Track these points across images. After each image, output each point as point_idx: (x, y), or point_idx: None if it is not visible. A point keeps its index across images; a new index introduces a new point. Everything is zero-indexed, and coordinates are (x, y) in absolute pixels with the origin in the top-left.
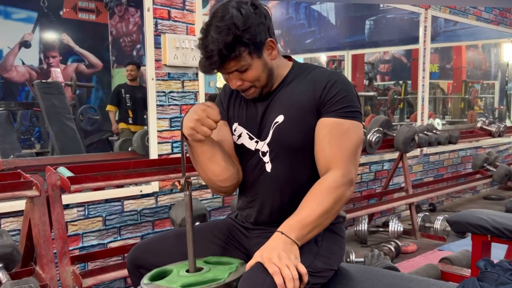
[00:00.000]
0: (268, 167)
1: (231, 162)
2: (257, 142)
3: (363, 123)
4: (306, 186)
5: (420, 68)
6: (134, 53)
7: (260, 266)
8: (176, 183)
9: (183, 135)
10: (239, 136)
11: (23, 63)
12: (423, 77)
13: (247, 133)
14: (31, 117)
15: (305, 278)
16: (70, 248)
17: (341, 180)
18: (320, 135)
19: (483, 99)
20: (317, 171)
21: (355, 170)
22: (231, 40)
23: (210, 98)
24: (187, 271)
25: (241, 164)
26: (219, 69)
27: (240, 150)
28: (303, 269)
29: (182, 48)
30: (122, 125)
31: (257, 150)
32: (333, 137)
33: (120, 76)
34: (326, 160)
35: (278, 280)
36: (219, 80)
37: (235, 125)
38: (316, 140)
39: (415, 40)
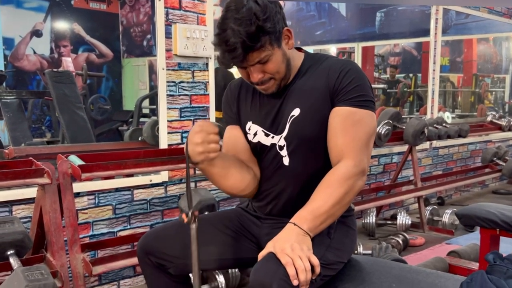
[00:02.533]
0: (286, 161)
1: (247, 170)
2: (273, 137)
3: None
4: (323, 177)
5: (430, 61)
6: (145, 43)
7: (272, 256)
8: (183, 216)
9: (188, 164)
10: (255, 134)
11: (35, 52)
12: (434, 70)
13: (262, 130)
14: (42, 106)
15: (317, 269)
16: (81, 236)
17: (353, 170)
18: (333, 124)
19: (494, 93)
20: None
21: (367, 160)
22: (255, 30)
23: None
24: None
25: (257, 159)
26: (242, 63)
27: (257, 147)
28: (315, 261)
29: (193, 38)
30: None
31: (273, 145)
32: (346, 126)
33: (130, 66)
34: (338, 149)
35: (290, 271)
36: None
37: (249, 124)
38: (329, 129)
39: (426, 32)
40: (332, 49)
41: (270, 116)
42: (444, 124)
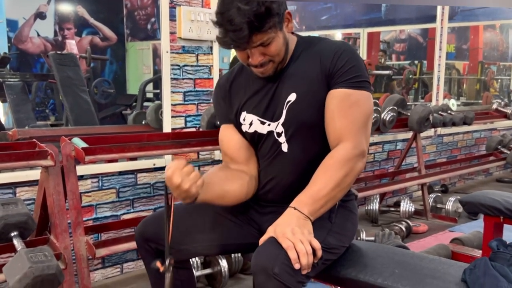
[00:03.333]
0: (285, 147)
1: (241, 176)
2: (269, 124)
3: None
4: (322, 161)
5: (436, 48)
6: (149, 26)
7: (273, 240)
8: (158, 264)
9: (169, 206)
10: (250, 124)
11: (38, 35)
12: (440, 57)
13: (258, 119)
14: (46, 88)
15: (319, 253)
16: (84, 219)
17: (352, 152)
18: (330, 107)
19: (499, 80)
20: None
21: (366, 141)
22: (264, 10)
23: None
24: None
25: (255, 149)
26: (246, 44)
27: (254, 137)
28: (316, 244)
29: (197, 21)
30: None
31: (270, 132)
32: (343, 109)
33: (134, 50)
34: (336, 132)
35: (292, 254)
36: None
37: (243, 114)
38: (326, 112)
39: (433, 19)
40: (338, 35)
41: (265, 102)
42: (449, 111)
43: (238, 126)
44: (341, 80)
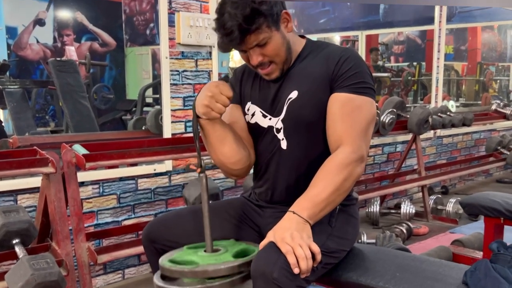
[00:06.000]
0: (283, 144)
1: (242, 145)
2: (270, 119)
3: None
4: (321, 163)
5: (435, 49)
6: (148, 32)
7: (273, 245)
8: (192, 166)
9: (195, 115)
10: (253, 114)
11: (38, 41)
12: (438, 59)
13: (260, 111)
14: (45, 95)
15: (318, 257)
16: (85, 225)
17: (352, 157)
18: (332, 110)
19: (498, 81)
20: None
21: (366, 146)
22: (250, 12)
23: (224, 79)
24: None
25: (255, 142)
26: (240, 46)
27: (254, 128)
28: (316, 248)
29: (196, 26)
30: None
31: (270, 127)
32: (345, 113)
33: (133, 55)
34: (337, 135)
35: (291, 259)
36: (232, 60)
37: (248, 104)
38: (328, 115)
39: (430, 20)
40: (336, 38)
41: (269, 97)
42: (448, 113)
43: (243, 114)
44: (345, 84)
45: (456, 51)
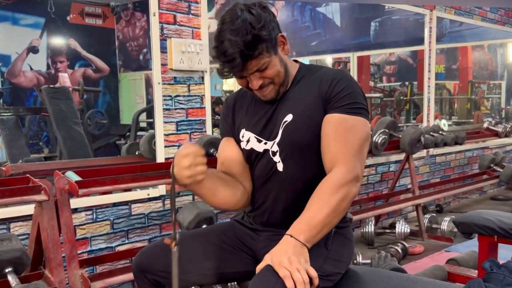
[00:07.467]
0: (280, 167)
1: (236, 186)
2: (265, 143)
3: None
4: (318, 183)
5: (425, 69)
6: (141, 57)
7: (270, 269)
8: (167, 240)
9: (173, 186)
10: (248, 141)
11: (31, 68)
12: (429, 78)
13: (255, 137)
14: (39, 122)
15: (316, 281)
16: (79, 252)
17: (347, 177)
18: (326, 131)
19: (490, 99)
20: None
21: (361, 165)
22: (251, 39)
23: (216, 101)
24: None
25: (251, 167)
26: (241, 72)
27: (250, 154)
28: (313, 273)
29: (188, 52)
30: None
31: (266, 151)
32: (338, 133)
33: (127, 80)
34: (331, 156)
35: (289, 284)
36: (225, 83)
37: (243, 131)
38: (322, 137)
39: (421, 41)
40: (328, 59)
41: (263, 121)
42: (440, 132)
43: (237, 143)
44: (338, 105)
45: (447, 70)
